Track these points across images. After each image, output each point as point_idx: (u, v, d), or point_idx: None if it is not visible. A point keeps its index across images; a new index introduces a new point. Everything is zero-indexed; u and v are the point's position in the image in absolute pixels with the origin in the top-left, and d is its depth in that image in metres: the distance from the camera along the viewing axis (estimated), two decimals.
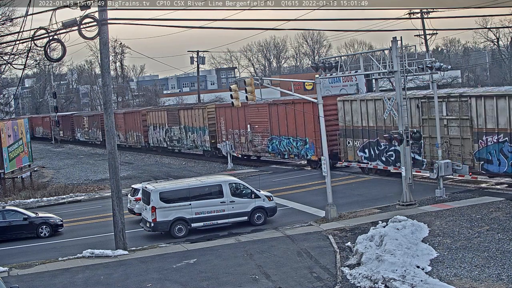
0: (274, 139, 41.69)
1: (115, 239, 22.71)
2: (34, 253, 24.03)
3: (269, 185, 33.12)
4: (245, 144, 45.16)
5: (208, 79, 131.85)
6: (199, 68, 69.25)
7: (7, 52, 36.14)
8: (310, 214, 26.46)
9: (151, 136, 60.09)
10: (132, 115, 64.76)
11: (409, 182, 25.55)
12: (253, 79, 25.54)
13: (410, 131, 25.72)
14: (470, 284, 15.71)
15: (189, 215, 24.26)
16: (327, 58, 30.98)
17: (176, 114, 54.77)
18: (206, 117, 49.45)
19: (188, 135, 52.64)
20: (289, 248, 20.83)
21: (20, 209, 28.21)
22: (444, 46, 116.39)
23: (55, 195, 37.89)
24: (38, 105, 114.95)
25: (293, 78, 75.33)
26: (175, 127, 54.97)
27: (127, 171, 46.85)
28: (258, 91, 25.96)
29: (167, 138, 56.68)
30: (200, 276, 18.59)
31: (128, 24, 30.82)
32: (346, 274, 17.54)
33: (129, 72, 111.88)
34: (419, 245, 19.02)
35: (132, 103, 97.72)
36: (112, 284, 18.73)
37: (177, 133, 54.60)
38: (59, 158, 63.58)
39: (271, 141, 42.11)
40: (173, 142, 55.64)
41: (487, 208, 23.26)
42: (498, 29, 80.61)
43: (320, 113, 25.71)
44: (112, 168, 22.70)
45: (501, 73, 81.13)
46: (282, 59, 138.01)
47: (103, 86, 23.10)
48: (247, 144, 44.86)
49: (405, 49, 27.56)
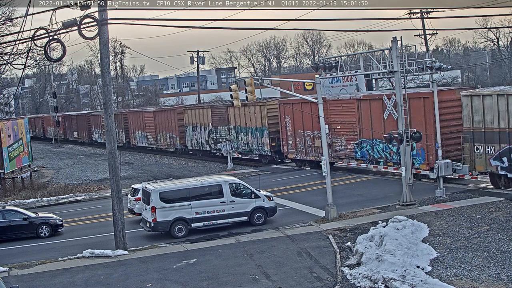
0: (365, 143, 33.53)
1: (115, 239, 22.72)
2: (34, 253, 24.03)
3: (269, 185, 33.12)
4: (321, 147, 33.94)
5: (208, 79, 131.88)
6: (199, 68, 69.28)
7: (7, 52, 36.16)
8: (310, 214, 26.46)
9: (189, 138, 52.80)
10: (165, 113, 57.25)
11: (409, 182, 25.55)
12: (253, 79, 25.54)
13: (410, 131, 25.63)
14: (470, 284, 15.71)
15: (189, 215, 24.26)
16: (327, 58, 30.98)
17: (224, 112, 47.38)
18: (266, 116, 41.75)
19: (240, 137, 45.35)
20: (289, 248, 20.83)
21: (20, 209, 28.21)
22: (444, 46, 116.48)
23: (55, 195, 37.90)
24: (38, 105, 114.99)
25: (293, 78, 75.33)
26: (222, 128, 47.80)
27: (127, 171, 46.86)
28: (258, 91, 25.97)
29: (211, 140, 49.52)
30: (200, 276, 18.59)
31: (128, 24, 30.84)
32: (346, 274, 17.54)
33: (129, 72, 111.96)
34: (419, 245, 19.02)
35: (132, 103, 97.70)
36: (112, 284, 18.73)
37: (224, 134, 47.52)
38: (59, 158, 63.59)
39: (360, 146, 33.94)
40: (219, 144, 48.50)
41: (487, 208, 23.26)
42: (498, 29, 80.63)
43: (320, 113, 25.72)
44: (112, 168, 22.70)
45: (501, 73, 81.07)
46: (282, 59, 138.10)
47: (103, 86, 23.11)
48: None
49: (405, 49, 27.54)
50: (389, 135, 26.11)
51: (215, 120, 48.81)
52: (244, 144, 44.98)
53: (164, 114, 57.44)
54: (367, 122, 32.97)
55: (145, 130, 61.24)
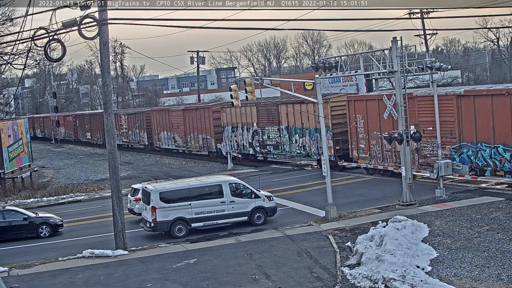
0: (465, 148, 28.01)
1: (115, 239, 22.72)
2: (34, 253, 24.04)
3: (269, 185, 33.12)
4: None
5: (208, 79, 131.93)
6: (199, 68, 69.34)
7: (7, 52, 36.20)
8: (310, 214, 26.47)
9: (228, 140, 47.29)
10: (197, 112, 51.04)
11: (409, 182, 25.55)
12: (253, 79, 25.55)
13: (410, 130, 25.71)
14: (470, 284, 15.71)
15: (189, 215, 24.26)
16: (327, 58, 30.95)
17: (274, 111, 41.81)
18: (329, 114, 35.60)
19: (294, 139, 39.72)
20: (289, 248, 20.83)
21: (20, 209, 28.22)
22: (444, 46, 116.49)
23: (55, 195, 37.91)
24: (38, 105, 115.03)
25: (293, 78, 75.35)
26: (270, 128, 42.22)
27: (127, 171, 46.87)
28: (258, 91, 25.98)
29: (256, 143, 44.01)
30: (200, 276, 18.59)
31: (128, 24, 30.85)
32: (346, 274, 17.55)
33: (129, 72, 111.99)
34: (419, 245, 19.02)
35: (132, 103, 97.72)
36: (112, 284, 18.73)
37: (274, 136, 41.86)
38: (59, 158, 63.59)
39: (459, 151, 28.36)
40: (267, 148, 42.91)
41: (487, 208, 23.25)
42: (498, 29, 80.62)
43: (320, 113, 25.74)
44: (112, 168, 22.71)
45: (501, 73, 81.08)
46: (282, 59, 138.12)
47: (103, 86, 23.11)
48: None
49: (405, 49, 27.52)
50: (389, 135, 26.13)
51: (261, 119, 43.24)
52: (299, 147, 39.37)
53: (196, 113, 51.24)
54: (470, 123, 27.59)
55: (172, 131, 55.31)
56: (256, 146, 44.11)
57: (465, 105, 27.81)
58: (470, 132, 27.66)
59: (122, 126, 65.79)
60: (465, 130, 27.88)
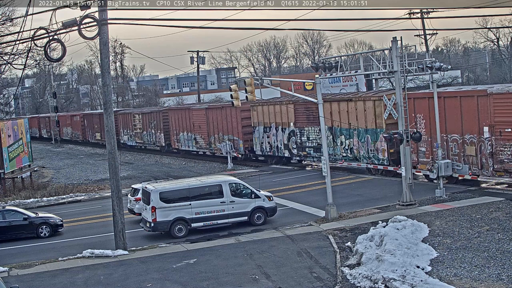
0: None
1: (115, 239, 22.73)
2: (34, 253, 24.04)
3: (269, 185, 33.12)
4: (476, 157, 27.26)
5: (208, 79, 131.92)
6: (199, 68, 69.33)
7: (7, 52, 36.21)
8: (310, 214, 26.47)
9: (259, 141, 43.57)
10: (223, 111, 46.76)
11: (409, 182, 25.55)
12: (253, 79, 25.58)
13: (410, 130, 25.71)
14: (470, 284, 15.71)
15: (189, 215, 24.26)
16: (327, 58, 30.95)
17: (315, 109, 34.87)
18: (382, 113, 31.46)
19: (340, 141, 35.96)
20: (289, 248, 20.83)
21: (20, 209, 28.23)
22: (444, 46, 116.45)
23: (55, 195, 37.92)
24: (38, 105, 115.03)
25: (293, 78, 75.36)
26: (309, 129, 38.48)
27: (127, 171, 46.86)
28: (257, 91, 25.99)
29: (293, 145, 40.15)
30: (200, 276, 18.60)
31: (128, 24, 30.86)
32: (346, 274, 17.55)
33: (129, 72, 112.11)
34: (419, 245, 19.02)
35: (132, 103, 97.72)
36: (112, 284, 18.73)
37: (313, 137, 38.24)
38: (59, 158, 63.59)
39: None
40: (306, 150, 39.13)
41: (487, 208, 23.25)
42: (498, 29, 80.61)
43: (320, 113, 25.75)
44: (112, 168, 22.72)
45: (501, 73, 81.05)
46: (282, 59, 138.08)
47: (103, 86, 23.13)
48: (482, 157, 26.93)
49: (405, 49, 27.52)
50: (389, 135, 26.13)
51: (299, 119, 39.37)
52: (346, 150, 35.59)
53: (220, 112, 47.05)
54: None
55: (193, 131, 51.45)
56: (293, 148, 40.26)
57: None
58: None
59: (136, 127, 62.33)
60: None
